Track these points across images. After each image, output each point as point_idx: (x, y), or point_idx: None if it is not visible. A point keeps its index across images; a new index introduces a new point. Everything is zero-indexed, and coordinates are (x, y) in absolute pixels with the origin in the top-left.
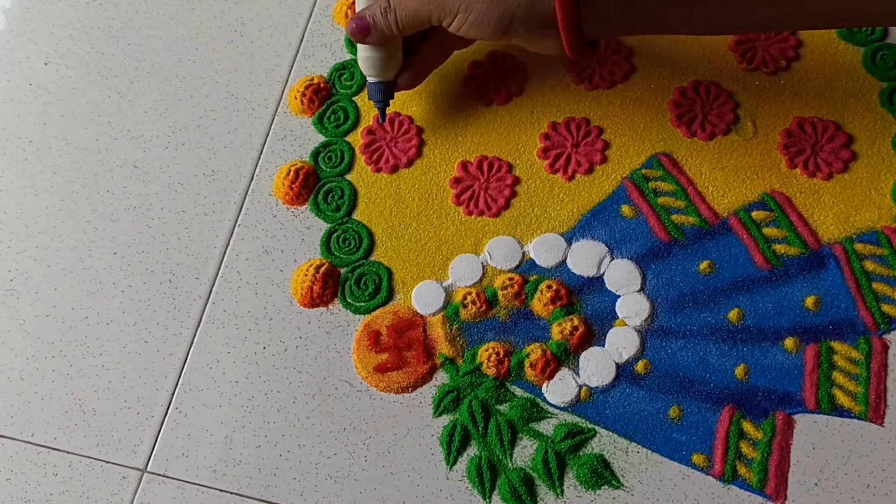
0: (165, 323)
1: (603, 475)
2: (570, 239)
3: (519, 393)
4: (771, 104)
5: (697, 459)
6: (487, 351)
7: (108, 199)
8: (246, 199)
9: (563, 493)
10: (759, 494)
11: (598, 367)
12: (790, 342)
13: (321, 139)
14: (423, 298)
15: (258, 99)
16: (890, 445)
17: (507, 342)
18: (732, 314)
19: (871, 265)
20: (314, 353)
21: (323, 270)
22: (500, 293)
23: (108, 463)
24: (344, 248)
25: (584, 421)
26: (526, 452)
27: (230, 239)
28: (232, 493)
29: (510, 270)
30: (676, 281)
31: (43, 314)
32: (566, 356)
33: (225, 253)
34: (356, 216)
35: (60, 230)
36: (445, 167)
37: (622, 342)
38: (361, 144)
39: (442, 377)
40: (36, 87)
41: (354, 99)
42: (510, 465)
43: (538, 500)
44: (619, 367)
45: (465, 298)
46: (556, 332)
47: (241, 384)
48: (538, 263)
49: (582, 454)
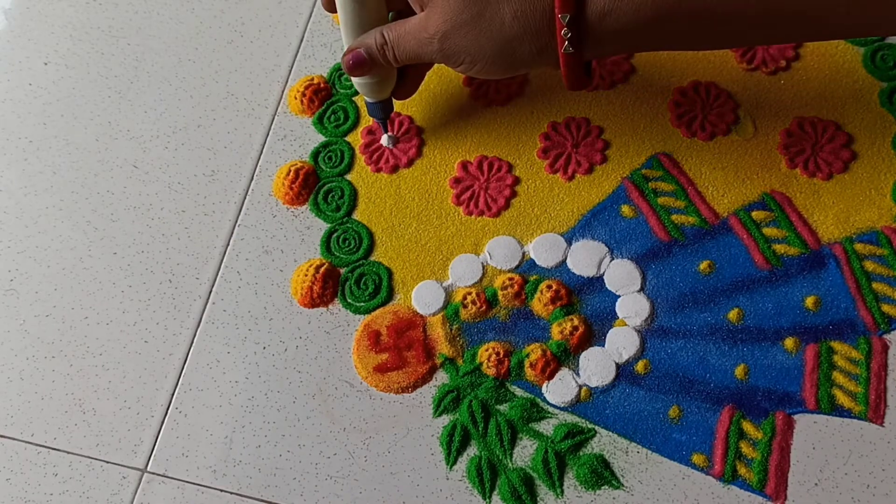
0: (165, 323)
1: (603, 475)
2: (570, 239)
3: (519, 393)
4: (771, 104)
5: (697, 459)
6: (487, 351)
7: (108, 199)
8: (246, 199)
9: (563, 493)
10: (759, 494)
11: (598, 367)
12: (790, 342)
13: (321, 139)
14: (423, 298)
15: (258, 99)
16: (890, 445)
17: (507, 342)
18: (732, 314)
19: (871, 265)
20: (314, 353)
21: (323, 270)
22: (500, 293)
23: (108, 463)
24: (344, 248)
25: (584, 421)
26: (526, 452)
27: (230, 239)
28: (232, 493)
29: (510, 270)
30: (676, 281)
31: (43, 314)
32: (566, 356)
33: (225, 253)
34: (356, 216)
35: (60, 230)
36: (445, 167)
37: (622, 342)
38: (361, 144)
39: (442, 377)
40: (36, 87)
41: (354, 99)
42: (510, 465)
43: (538, 500)
44: (619, 367)
45: (465, 298)
46: (556, 332)
47: (241, 384)
48: (538, 263)
49: (582, 454)
